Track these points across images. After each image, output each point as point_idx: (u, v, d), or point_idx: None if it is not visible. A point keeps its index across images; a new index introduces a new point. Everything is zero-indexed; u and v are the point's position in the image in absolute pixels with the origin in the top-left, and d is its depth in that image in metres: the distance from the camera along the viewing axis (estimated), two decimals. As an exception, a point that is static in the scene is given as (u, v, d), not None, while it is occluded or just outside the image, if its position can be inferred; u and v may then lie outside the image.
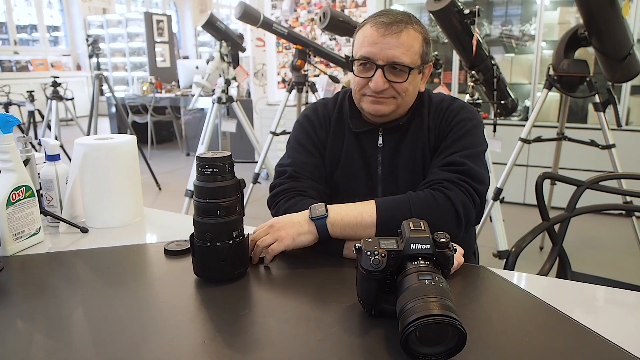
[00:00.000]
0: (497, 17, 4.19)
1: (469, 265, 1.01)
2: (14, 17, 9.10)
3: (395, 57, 1.08)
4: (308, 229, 1.00)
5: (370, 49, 1.10)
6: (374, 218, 1.00)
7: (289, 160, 1.21)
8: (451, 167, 1.09)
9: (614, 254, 3.09)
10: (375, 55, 1.09)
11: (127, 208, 1.28)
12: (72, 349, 0.73)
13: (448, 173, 1.08)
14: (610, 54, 2.28)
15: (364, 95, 1.15)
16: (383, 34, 1.08)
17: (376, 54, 1.09)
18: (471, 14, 2.13)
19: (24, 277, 0.98)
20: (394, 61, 1.09)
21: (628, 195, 1.72)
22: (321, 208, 1.01)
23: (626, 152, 3.17)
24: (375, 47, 1.09)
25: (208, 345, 0.73)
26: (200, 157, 0.89)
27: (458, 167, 1.08)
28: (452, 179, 1.06)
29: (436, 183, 1.07)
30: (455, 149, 1.12)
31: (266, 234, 1.01)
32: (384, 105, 1.14)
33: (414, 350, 0.66)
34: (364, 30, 1.13)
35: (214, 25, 3.05)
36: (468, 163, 1.09)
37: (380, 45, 1.09)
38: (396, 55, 1.08)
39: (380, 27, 1.09)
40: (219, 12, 12.38)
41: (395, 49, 1.08)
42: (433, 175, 1.10)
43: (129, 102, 6.06)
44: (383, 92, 1.12)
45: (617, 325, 0.79)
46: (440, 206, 1.02)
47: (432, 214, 1.00)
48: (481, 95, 2.60)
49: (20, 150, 1.17)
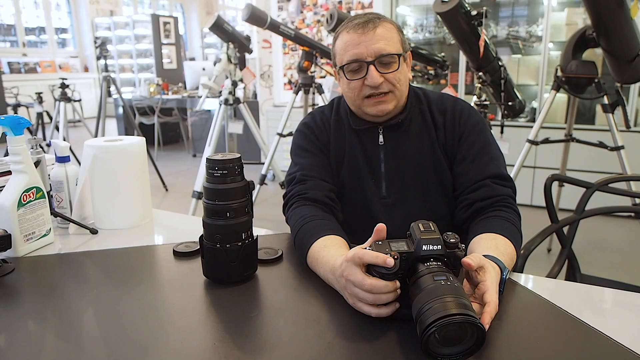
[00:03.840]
0: (504, 18, 4.18)
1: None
2: (22, 19, 9.18)
3: (382, 49, 1.11)
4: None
5: (356, 50, 1.12)
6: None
7: (296, 167, 1.23)
8: (503, 182, 1.14)
9: (624, 256, 3.06)
10: (362, 54, 1.12)
11: (136, 209, 1.28)
12: (82, 349, 0.74)
13: (504, 188, 1.13)
14: (619, 55, 2.27)
15: (365, 98, 1.16)
16: (362, 33, 1.12)
17: (362, 52, 1.12)
18: (478, 15, 2.13)
19: (34, 278, 0.99)
20: (381, 53, 1.11)
21: (637, 197, 1.71)
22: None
23: (635, 153, 3.15)
24: (360, 47, 1.12)
25: (218, 347, 0.73)
26: (210, 159, 0.90)
27: (507, 182, 1.15)
28: (511, 194, 1.13)
29: (501, 200, 1.11)
30: (488, 158, 1.16)
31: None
32: (386, 103, 1.16)
33: (434, 352, 0.66)
34: (342, 38, 1.16)
35: (221, 27, 3.07)
36: (511, 177, 1.17)
37: (364, 43, 1.11)
38: (382, 48, 1.11)
39: (357, 28, 1.13)
40: (226, 13, 12.42)
41: (379, 42, 1.11)
42: (488, 190, 1.12)
43: (136, 103, 6.09)
44: (380, 87, 1.13)
45: (627, 327, 0.79)
46: (518, 223, 1.08)
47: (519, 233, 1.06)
48: (488, 96, 2.59)
49: (30, 152, 1.18)
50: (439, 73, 2.96)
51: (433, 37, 4.52)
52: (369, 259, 0.76)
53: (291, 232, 1.10)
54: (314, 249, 0.97)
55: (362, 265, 0.77)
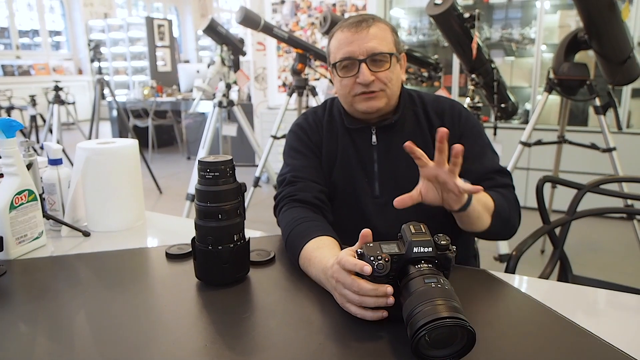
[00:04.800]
0: (497, 20, 4.20)
1: (469, 269, 1.01)
2: (16, 22, 9.14)
3: (374, 48, 1.13)
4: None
5: (348, 48, 1.14)
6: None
7: (287, 168, 1.24)
8: (503, 175, 1.18)
9: (615, 257, 3.08)
10: (355, 52, 1.13)
11: (129, 212, 1.28)
12: (74, 352, 0.73)
13: (505, 179, 1.17)
14: (611, 57, 2.29)
15: (355, 95, 1.17)
16: (355, 32, 1.14)
17: (355, 51, 1.13)
18: (471, 18, 2.14)
19: (26, 280, 0.99)
20: (373, 52, 1.13)
21: (629, 198, 1.72)
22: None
23: (627, 155, 3.17)
24: (353, 45, 1.13)
25: (209, 349, 0.73)
26: (202, 161, 0.90)
27: (507, 175, 1.19)
28: (511, 184, 1.18)
29: (503, 186, 1.15)
30: (487, 158, 1.20)
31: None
32: (376, 100, 1.16)
33: (424, 354, 0.66)
34: (336, 36, 1.18)
35: (215, 30, 3.06)
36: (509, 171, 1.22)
37: (357, 42, 1.13)
38: (374, 47, 1.13)
39: (351, 27, 1.14)
40: (220, 16, 12.42)
41: (371, 41, 1.13)
42: (493, 180, 1.16)
43: (130, 106, 6.07)
44: (371, 85, 1.14)
45: (618, 328, 0.79)
46: (513, 204, 1.14)
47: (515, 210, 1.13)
48: (481, 98, 2.61)
49: (22, 155, 1.18)
50: (433, 75, 2.97)
51: (427, 40, 4.53)
52: (349, 266, 0.78)
53: (282, 234, 1.10)
54: (306, 250, 0.97)
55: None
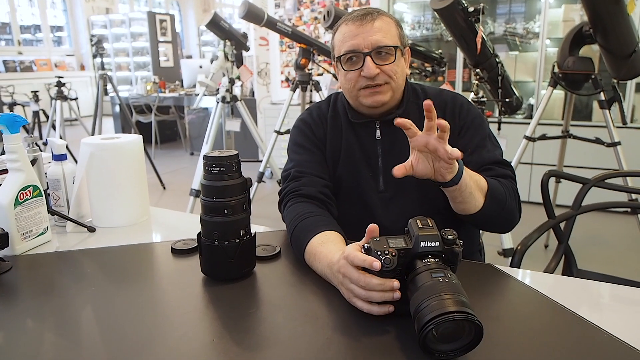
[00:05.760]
0: (501, 14, 4.18)
1: (475, 263, 1.01)
2: (17, 17, 9.13)
3: (378, 41, 1.12)
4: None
5: (353, 41, 1.14)
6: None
7: (291, 163, 1.23)
8: (503, 166, 1.18)
9: (620, 252, 3.08)
10: (360, 45, 1.13)
11: (134, 207, 1.28)
12: (81, 347, 0.74)
13: (505, 170, 1.17)
14: (616, 51, 2.27)
15: (360, 89, 1.17)
16: (360, 25, 1.13)
17: (360, 44, 1.13)
18: (475, 12, 2.13)
19: (32, 276, 0.99)
20: (378, 45, 1.12)
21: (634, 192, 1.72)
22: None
23: (631, 149, 3.15)
24: (357, 38, 1.13)
25: (217, 344, 0.73)
26: (208, 156, 0.90)
27: (507, 166, 1.19)
28: (512, 175, 1.17)
29: (503, 176, 1.15)
30: (487, 149, 1.19)
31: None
32: (381, 94, 1.16)
33: (432, 348, 0.66)
34: (341, 30, 1.18)
35: (218, 25, 3.06)
36: (510, 162, 1.21)
37: (362, 35, 1.13)
38: (379, 40, 1.12)
39: (356, 20, 1.14)
40: (222, 11, 12.39)
41: (376, 34, 1.13)
42: (492, 171, 1.16)
43: (132, 101, 6.07)
44: (376, 78, 1.14)
45: (623, 322, 0.79)
46: (511, 193, 1.13)
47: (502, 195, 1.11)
48: (485, 93, 2.60)
49: (27, 150, 1.18)
50: (437, 70, 2.96)
51: (430, 34, 4.51)
52: (357, 262, 0.78)
53: (287, 229, 1.10)
54: (312, 245, 0.97)
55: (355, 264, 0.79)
